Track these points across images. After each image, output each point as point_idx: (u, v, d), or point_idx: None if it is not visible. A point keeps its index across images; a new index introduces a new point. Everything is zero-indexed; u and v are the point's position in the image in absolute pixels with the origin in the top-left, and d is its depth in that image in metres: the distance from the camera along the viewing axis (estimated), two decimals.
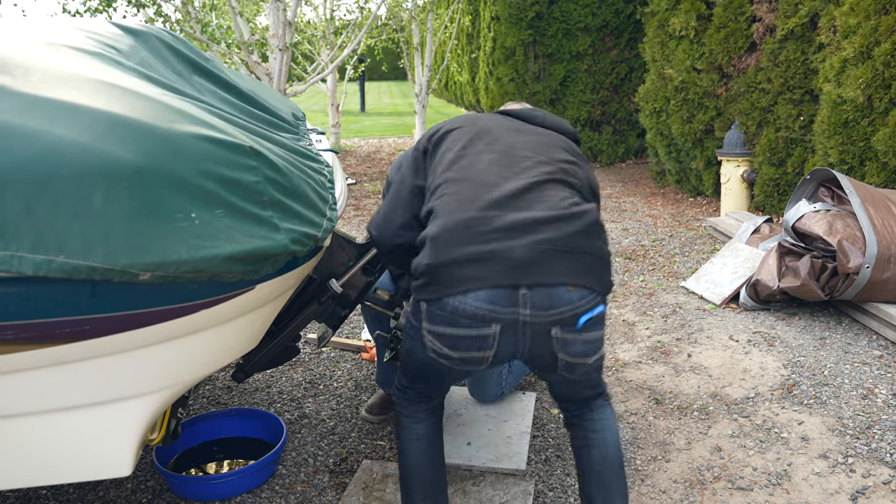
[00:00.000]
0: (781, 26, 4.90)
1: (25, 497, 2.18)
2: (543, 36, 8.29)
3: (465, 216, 1.55)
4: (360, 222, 6.00)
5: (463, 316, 1.50)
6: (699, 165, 6.15)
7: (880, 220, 3.15)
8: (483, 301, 1.48)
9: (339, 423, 2.63)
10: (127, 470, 1.47)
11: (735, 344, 3.14)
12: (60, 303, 1.19)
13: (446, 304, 1.51)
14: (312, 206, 1.52)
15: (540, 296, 1.50)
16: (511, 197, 1.57)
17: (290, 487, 2.23)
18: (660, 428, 2.51)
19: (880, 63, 3.78)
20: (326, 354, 3.25)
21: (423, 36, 9.75)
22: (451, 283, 1.50)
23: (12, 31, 1.72)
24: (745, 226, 4.26)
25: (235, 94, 1.94)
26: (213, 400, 2.80)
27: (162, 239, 1.17)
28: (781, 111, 5.06)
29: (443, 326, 1.54)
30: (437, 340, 1.57)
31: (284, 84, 6.65)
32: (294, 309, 2.00)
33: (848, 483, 2.13)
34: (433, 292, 1.53)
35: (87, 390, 1.37)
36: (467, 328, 1.51)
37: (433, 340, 1.57)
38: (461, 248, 1.51)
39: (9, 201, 1.09)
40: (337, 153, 2.32)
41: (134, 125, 1.25)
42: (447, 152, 1.75)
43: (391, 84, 34.27)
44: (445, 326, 1.53)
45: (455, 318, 1.51)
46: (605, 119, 8.78)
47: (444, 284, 1.51)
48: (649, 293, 3.93)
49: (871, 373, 2.79)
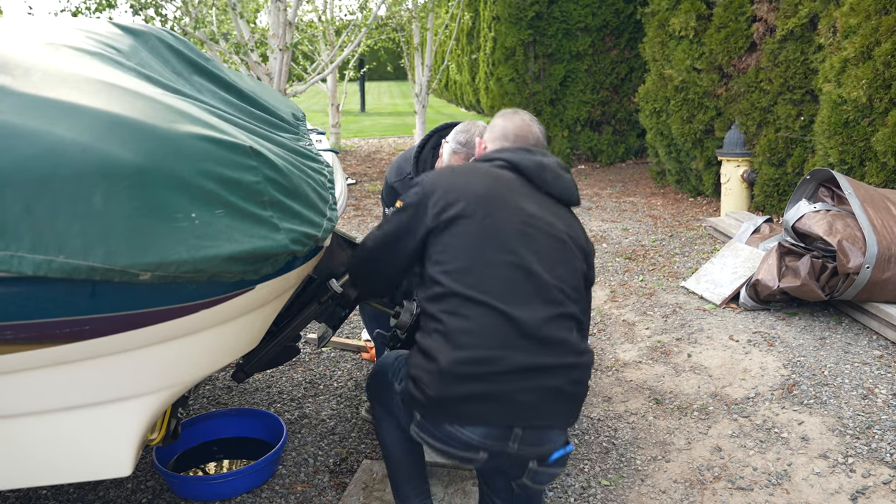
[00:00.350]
0: (781, 26, 4.90)
1: (25, 497, 2.18)
2: (543, 36, 8.30)
3: (477, 354, 1.53)
4: (359, 222, 6.00)
5: (455, 441, 1.56)
6: (699, 165, 6.15)
7: (880, 220, 3.15)
8: (478, 435, 1.54)
9: (339, 423, 2.63)
10: (127, 470, 1.47)
11: (735, 344, 3.14)
12: (60, 303, 1.19)
13: (442, 428, 1.56)
14: (312, 206, 1.52)
15: (531, 436, 1.56)
16: (523, 336, 1.56)
17: (290, 487, 2.23)
18: (660, 428, 2.51)
19: (881, 63, 3.78)
20: (326, 354, 3.25)
21: (424, 36, 9.75)
22: (453, 415, 1.54)
23: (12, 31, 1.72)
24: (745, 226, 4.26)
25: (235, 94, 1.94)
26: (213, 400, 2.80)
27: (162, 239, 1.17)
28: (781, 111, 5.06)
29: (433, 440, 1.59)
30: (424, 442, 1.63)
31: (284, 84, 6.65)
32: (294, 309, 2.00)
33: (848, 483, 2.12)
34: (431, 418, 1.57)
35: (87, 390, 1.37)
36: (456, 449, 1.57)
37: (420, 438, 1.63)
38: (469, 385, 1.53)
39: (9, 201, 1.09)
40: (337, 153, 2.32)
41: (134, 125, 1.25)
42: (458, 250, 1.64)
43: (391, 84, 34.27)
44: (435, 441, 1.59)
45: (447, 440, 1.56)
46: (605, 119, 8.78)
47: (445, 415, 1.55)
48: (649, 293, 3.93)
49: (871, 373, 2.79)
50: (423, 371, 1.55)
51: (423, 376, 1.55)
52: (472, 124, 2.32)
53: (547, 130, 8.63)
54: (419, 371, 1.56)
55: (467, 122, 2.36)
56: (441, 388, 1.52)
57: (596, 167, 8.74)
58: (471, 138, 2.25)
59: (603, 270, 4.44)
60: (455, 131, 2.32)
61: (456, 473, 2.24)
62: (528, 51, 8.35)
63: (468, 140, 2.25)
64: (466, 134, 2.27)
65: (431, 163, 2.48)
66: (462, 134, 2.28)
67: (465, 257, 1.62)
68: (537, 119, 1.99)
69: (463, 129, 2.30)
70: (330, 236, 1.68)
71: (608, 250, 4.90)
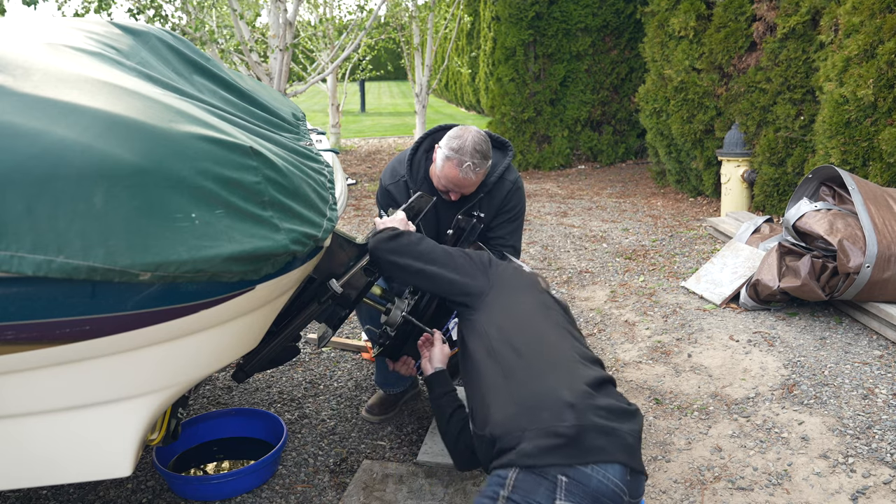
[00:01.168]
0: (782, 24, 4.90)
1: (25, 497, 2.18)
2: (544, 36, 8.30)
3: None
4: (360, 222, 6.00)
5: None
6: (699, 165, 6.15)
7: (881, 218, 3.14)
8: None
9: (339, 423, 2.63)
10: (127, 470, 1.47)
11: (735, 344, 3.14)
12: (60, 303, 1.19)
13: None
14: (312, 206, 1.52)
15: (634, 483, 1.51)
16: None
17: (290, 487, 2.23)
18: (660, 428, 2.51)
19: (884, 62, 3.78)
20: (326, 354, 3.25)
21: (424, 36, 9.75)
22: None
23: (12, 31, 1.72)
24: (745, 226, 4.26)
25: (235, 93, 1.94)
26: (213, 400, 2.80)
27: (162, 239, 1.17)
28: (781, 111, 5.06)
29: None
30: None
31: (284, 84, 6.65)
32: (294, 309, 2.00)
33: (848, 483, 2.12)
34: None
35: (87, 390, 1.37)
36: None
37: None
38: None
39: (9, 201, 1.09)
40: (337, 153, 2.32)
41: (134, 125, 1.25)
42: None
43: (391, 84, 34.29)
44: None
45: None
46: (606, 119, 8.79)
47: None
48: (649, 293, 3.93)
49: (871, 373, 2.79)
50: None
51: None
52: (465, 129, 2.34)
53: (547, 130, 8.66)
54: None
55: (460, 127, 2.38)
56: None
57: (596, 167, 8.74)
58: (463, 144, 2.27)
59: (603, 270, 4.44)
60: (448, 137, 2.34)
61: (456, 474, 2.24)
62: (528, 51, 8.35)
63: (461, 146, 2.28)
64: (459, 140, 2.30)
65: (425, 166, 2.49)
66: (455, 140, 2.31)
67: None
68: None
69: (455, 136, 2.32)
70: (330, 236, 1.68)
71: (608, 250, 4.90)
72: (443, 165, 2.31)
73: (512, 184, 2.51)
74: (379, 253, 1.96)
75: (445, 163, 2.30)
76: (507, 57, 8.35)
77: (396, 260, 1.93)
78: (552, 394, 1.54)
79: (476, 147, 2.27)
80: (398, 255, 1.93)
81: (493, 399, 1.60)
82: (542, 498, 1.41)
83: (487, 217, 2.50)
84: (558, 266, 4.57)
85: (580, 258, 4.74)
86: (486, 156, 2.30)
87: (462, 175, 2.29)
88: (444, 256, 1.93)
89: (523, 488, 1.42)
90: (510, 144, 2.58)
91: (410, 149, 2.56)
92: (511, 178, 2.52)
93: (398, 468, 2.29)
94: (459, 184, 2.33)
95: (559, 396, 1.52)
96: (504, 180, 2.50)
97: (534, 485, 1.42)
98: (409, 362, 2.21)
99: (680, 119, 6.06)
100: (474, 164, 2.27)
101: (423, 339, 2.11)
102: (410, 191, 2.46)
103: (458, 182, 2.32)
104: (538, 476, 1.42)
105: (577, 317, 3.66)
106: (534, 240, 5.26)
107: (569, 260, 4.72)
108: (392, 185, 2.54)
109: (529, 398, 1.56)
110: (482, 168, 2.31)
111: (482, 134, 2.33)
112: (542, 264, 4.63)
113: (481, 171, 2.32)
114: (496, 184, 2.48)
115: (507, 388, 1.60)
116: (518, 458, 1.45)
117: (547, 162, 8.64)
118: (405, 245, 1.94)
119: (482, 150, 2.29)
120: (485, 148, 2.30)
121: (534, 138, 8.66)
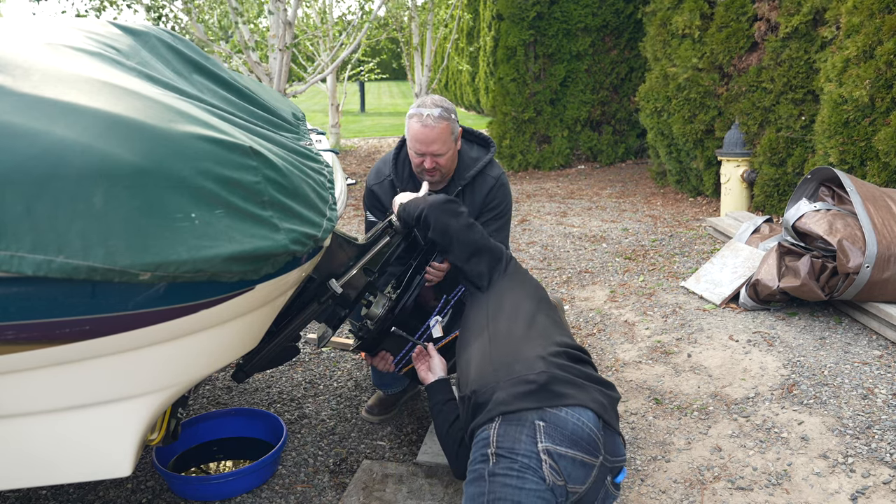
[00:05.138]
0: (785, 24, 4.90)
1: (25, 497, 2.18)
2: (544, 36, 8.30)
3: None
4: (359, 222, 6.00)
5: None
6: (699, 165, 6.15)
7: (880, 219, 3.14)
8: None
9: (339, 423, 2.63)
10: (127, 470, 1.47)
11: (735, 344, 3.14)
12: (60, 303, 1.19)
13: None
14: (312, 206, 1.52)
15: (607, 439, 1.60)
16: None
17: (290, 487, 2.23)
18: (660, 428, 2.51)
19: (883, 63, 3.78)
20: (326, 354, 3.25)
21: (423, 36, 9.75)
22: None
23: (12, 31, 1.72)
24: (745, 226, 4.26)
25: (235, 93, 1.94)
26: (213, 400, 2.80)
27: (162, 239, 1.17)
28: (783, 111, 5.06)
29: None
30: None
31: (284, 84, 6.65)
32: (294, 309, 2.00)
33: (848, 483, 2.12)
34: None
35: (87, 390, 1.37)
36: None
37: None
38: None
39: (9, 201, 1.09)
40: (337, 153, 2.32)
41: (134, 125, 1.25)
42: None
43: (391, 84, 34.27)
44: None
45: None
46: (605, 119, 8.78)
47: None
48: (649, 293, 3.93)
49: (871, 373, 2.79)
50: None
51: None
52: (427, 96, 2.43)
53: (547, 130, 8.66)
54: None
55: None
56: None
57: (596, 167, 8.74)
58: (423, 101, 2.34)
59: (603, 270, 4.44)
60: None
61: None
62: (528, 51, 8.35)
63: (421, 102, 2.34)
64: (420, 100, 2.36)
65: (410, 164, 2.49)
66: (417, 102, 2.38)
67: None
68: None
69: (418, 101, 2.40)
70: (330, 236, 1.69)
71: (608, 250, 4.90)
72: (408, 127, 2.35)
73: (495, 179, 2.50)
74: (437, 213, 2.03)
75: (409, 122, 2.35)
76: (508, 57, 8.35)
77: (449, 221, 2.03)
78: (528, 352, 1.69)
79: (434, 102, 2.33)
80: (454, 217, 2.04)
81: (476, 361, 1.76)
82: (526, 444, 1.50)
83: (471, 214, 2.49)
84: (558, 266, 4.57)
85: (580, 258, 4.74)
86: (447, 109, 2.33)
87: (423, 126, 2.29)
88: (482, 230, 2.10)
89: (506, 439, 1.52)
90: (492, 141, 2.59)
91: (395, 148, 2.57)
92: (494, 173, 2.51)
93: (398, 468, 2.29)
94: (425, 139, 2.31)
95: (533, 353, 1.68)
96: (486, 175, 2.49)
97: (515, 433, 1.52)
98: (387, 357, 2.23)
99: (682, 118, 6.05)
100: (434, 116, 2.29)
101: (418, 351, 2.13)
102: (397, 189, 2.46)
103: (424, 137, 2.30)
104: (517, 425, 1.53)
105: (576, 317, 3.66)
106: (533, 240, 5.26)
107: (568, 260, 4.72)
108: (377, 185, 2.55)
109: (506, 356, 1.70)
110: (444, 120, 2.31)
111: (443, 98, 2.39)
112: (542, 264, 4.64)
113: (444, 124, 2.31)
114: (477, 177, 2.48)
115: (490, 351, 1.75)
116: (494, 407, 1.57)
117: (547, 162, 8.65)
118: (459, 212, 2.07)
119: (441, 105, 2.32)
120: (445, 104, 2.33)
121: (534, 138, 8.66)
